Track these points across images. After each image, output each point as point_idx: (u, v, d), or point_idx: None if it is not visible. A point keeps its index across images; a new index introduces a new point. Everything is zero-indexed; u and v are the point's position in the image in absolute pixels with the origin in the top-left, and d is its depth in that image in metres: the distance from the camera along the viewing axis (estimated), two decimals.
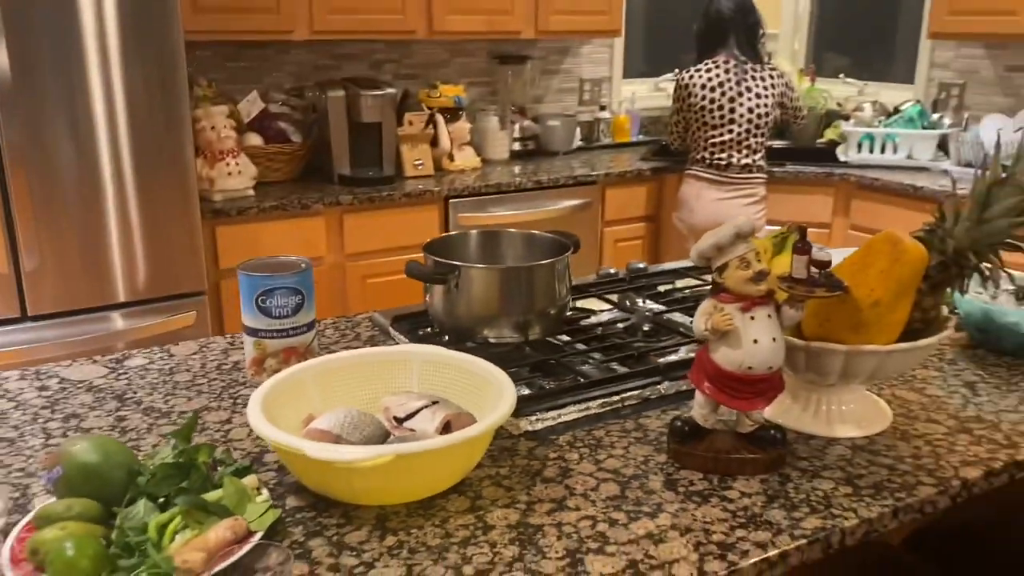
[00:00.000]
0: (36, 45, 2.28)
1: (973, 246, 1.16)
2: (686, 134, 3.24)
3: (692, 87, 3.13)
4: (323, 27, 3.11)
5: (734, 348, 1.10)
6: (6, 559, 0.91)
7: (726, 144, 3.12)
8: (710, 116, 3.11)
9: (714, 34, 3.17)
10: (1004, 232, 1.15)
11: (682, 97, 3.18)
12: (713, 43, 3.17)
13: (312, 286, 1.41)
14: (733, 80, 3.09)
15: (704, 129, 3.15)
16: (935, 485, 1.11)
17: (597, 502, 1.07)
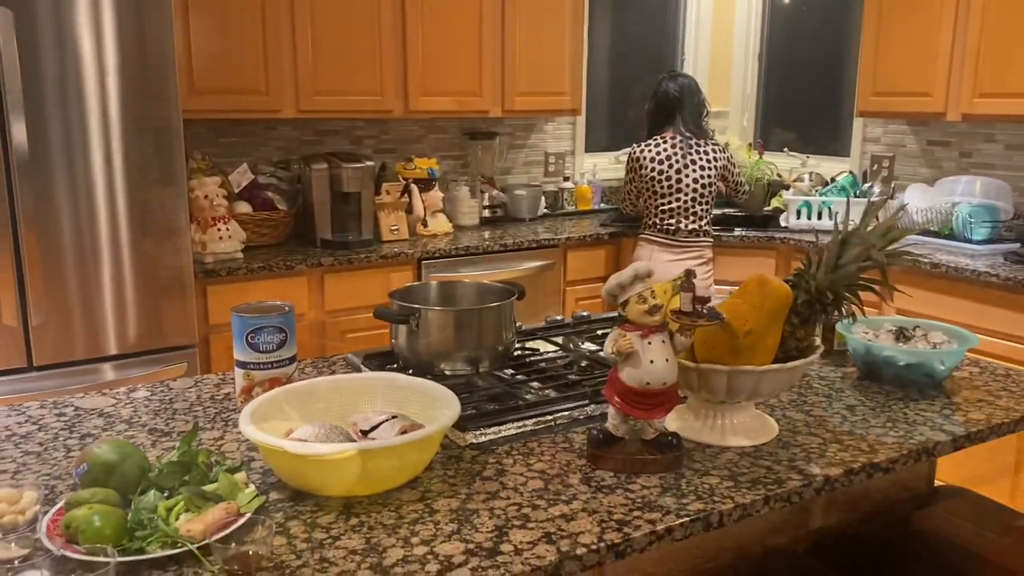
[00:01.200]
0: (49, 121, 2.56)
1: (831, 287, 1.44)
2: (638, 201, 3.54)
3: (643, 160, 3.45)
4: (308, 107, 3.43)
5: (635, 368, 1.36)
6: (44, 532, 1.14)
7: (674, 211, 3.43)
8: (659, 186, 3.42)
9: (662, 112, 3.51)
10: (854, 275, 1.43)
11: (634, 168, 3.49)
12: (662, 121, 3.51)
13: (294, 326, 1.66)
14: (679, 154, 3.41)
15: (654, 198, 3.45)
16: (802, 480, 1.36)
17: (524, 493, 1.31)
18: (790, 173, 4.52)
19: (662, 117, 3.50)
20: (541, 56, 3.93)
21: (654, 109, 3.53)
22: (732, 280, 3.77)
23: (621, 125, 4.82)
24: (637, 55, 4.85)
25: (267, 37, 3.29)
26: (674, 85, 3.50)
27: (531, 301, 3.65)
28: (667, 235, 3.46)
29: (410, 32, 3.59)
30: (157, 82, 2.73)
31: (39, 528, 1.16)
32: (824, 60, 4.58)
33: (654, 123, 3.53)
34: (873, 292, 1.47)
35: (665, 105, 3.49)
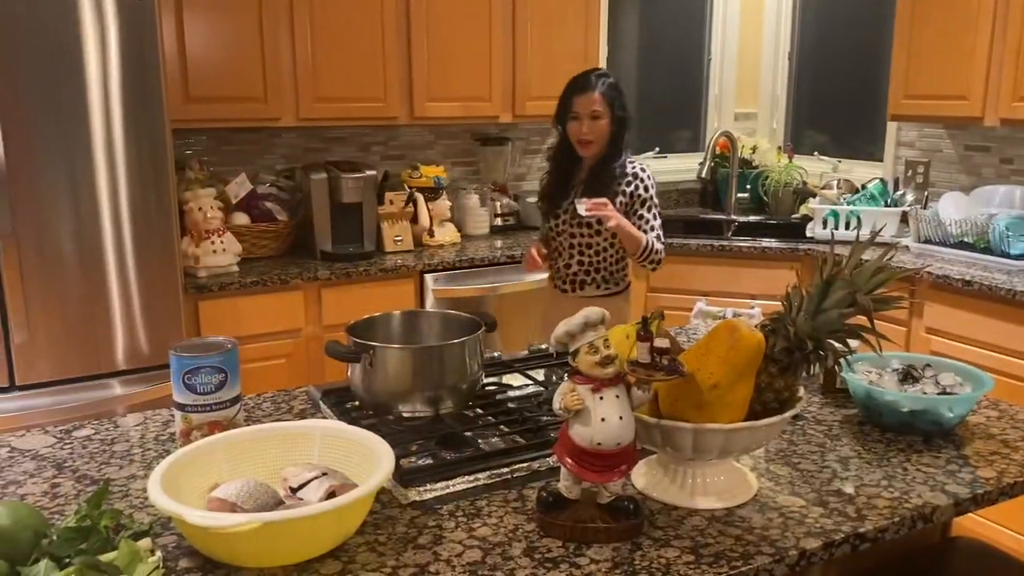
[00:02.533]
0: (29, 135, 2.50)
1: (812, 334, 1.28)
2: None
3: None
4: (308, 115, 3.33)
5: (585, 425, 1.22)
6: None
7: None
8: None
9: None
10: (836, 322, 1.26)
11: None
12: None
13: (236, 365, 1.54)
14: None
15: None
16: (772, 555, 1.21)
17: (457, 567, 1.18)
18: (820, 178, 4.31)
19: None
20: (554, 60, 3.77)
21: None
22: (754, 293, 3.58)
23: (647, 128, 4.66)
24: (662, 56, 4.67)
25: (265, 43, 3.20)
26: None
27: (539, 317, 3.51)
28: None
29: (415, 36, 3.47)
30: (144, 91, 2.65)
31: None
32: (859, 58, 4.35)
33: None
34: (861, 340, 1.30)
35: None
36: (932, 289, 3.09)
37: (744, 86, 4.77)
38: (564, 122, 2.71)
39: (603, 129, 2.66)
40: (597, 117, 2.64)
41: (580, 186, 2.72)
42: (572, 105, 2.66)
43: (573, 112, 2.65)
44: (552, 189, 2.79)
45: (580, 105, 2.64)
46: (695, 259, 3.74)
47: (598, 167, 2.70)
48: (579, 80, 2.70)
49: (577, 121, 2.65)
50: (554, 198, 2.77)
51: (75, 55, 2.53)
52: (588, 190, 2.67)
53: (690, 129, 4.82)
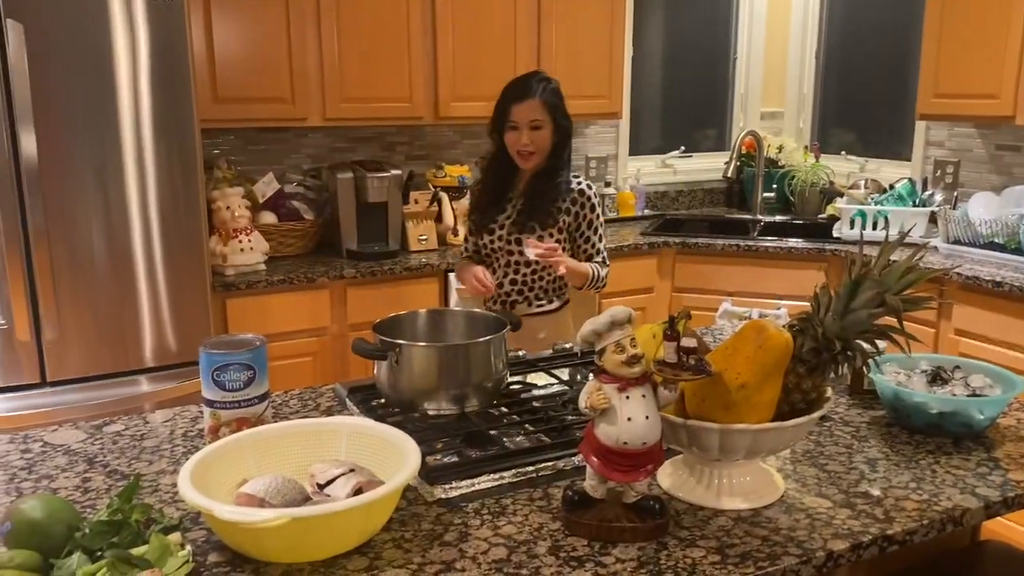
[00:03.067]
0: (60, 134, 2.53)
1: (840, 335, 1.27)
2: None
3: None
4: (335, 115, 3.35)
5: (611, 424, 1.22)
6: None
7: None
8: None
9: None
10: (865, 322, 1.25)
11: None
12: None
13: (264, 362, 1.56)
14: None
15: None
16: (799, 556, 1.20)
17: (482, 564, 1.18)
18: (848, 178, 4.27)
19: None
20: (579, 59, 3.77)
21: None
22: (780, 294, 3.56)
23: (672, 127, 4.64)
24: (688, 54, 4.65)
25: (292, 44, 3.22)
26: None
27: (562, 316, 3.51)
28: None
29: (440, 36, 3.48)
30: (173, 92, 2.68)
31: None
32: (887, 57, 4.30)
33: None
34: (890, 340, 1.29)
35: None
36: (961, 290, 3.06)
37: (770, 85, 4.73)
38: (501, 132, 2.47)
39: (545, 140, 2.44)
40: (538, 127, 2.42)
41: (519, 200, 2.50)
42: (510, 114, 2.43)
43: (511, 121, 2.43)
44: (485, 202, 2.55)
45: (519, 114, 2.42)
46: (720, 259, 3.72)
47: (539, 182, 2.48)
48: (517, 86, 2.48)
49: (516, 131, 2.43)
50: (488, 212, 2.54)
51: (105, 56, 2.56)
52: (529, 207, 2.47)
53: (715, 128, 4.79)
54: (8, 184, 2.49)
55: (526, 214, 2.48)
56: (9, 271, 2.52)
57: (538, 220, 2.48)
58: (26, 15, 2.43)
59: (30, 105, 2.47)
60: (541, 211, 2.47)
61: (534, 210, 2.47)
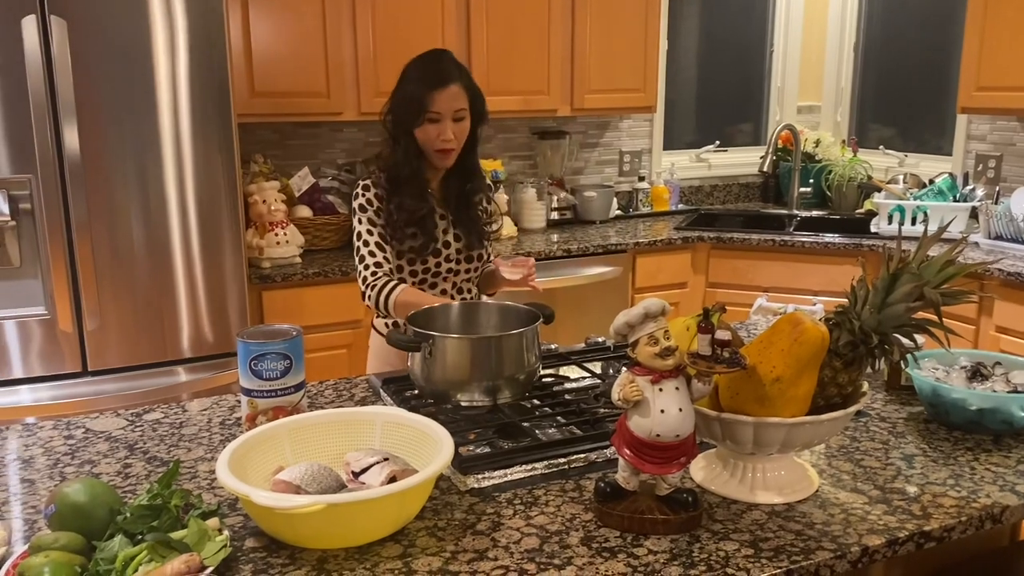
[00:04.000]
0: (102, 128, 2.58)
1: (877, 328, 1.26)
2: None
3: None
4: (370, 109, 3.36)
5: (644, 416, 1.22)
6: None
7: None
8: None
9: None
10: (902, 316, 1.24)
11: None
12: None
13: (301, 352, 1.58)
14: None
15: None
16: (834, 551, 1.19)
17: (515, 554, 1.19)
18: (886, 173, 4.21)
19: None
20: (613, 52, 3.76)
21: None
22: (815, 289, 3.52)
23: (707, 121, 4.61)
24: (723, 47, 4.61)
25: (328, 39, 3.24)
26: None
27: (596, 310, 3.51)
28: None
29: (474, 30, 3.48)
30: (211, 86, 2.71)
31: None
32: (927, 49, 4.23)
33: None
34: (928, 335, 1.27)
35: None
36: (1003, 287, 3.00)
37: (807, 78, 4.68)
38: (412, 126, 2.05)
39: (466, 132, 2.09)
40: (461, 118, 2.06)
41: (445, 209, 2.16)
42: (429, 103, 2.01)
43: (432, 113, 2.01)
44: (425, 214, 2.09)
45: (441, 103, 2.01)
46: (755, 254, 3.69)
47: (463, 181, 2.15)
48: (434, 69, 2.06)
49: (437, 124, 2.03)
50: (431, 229, 2.10)
51: (145, 52, 2.60)
52: (468, 216, 2.15)
53: (751, 122, 4.75)
54: (52, 177, 2.54)
55: (466, 225, 2.15)
56: (53, 263, 2.58)
57: (481, 231, 2.19)
58: (69, 11, 2.48)
59: (73, 100, 2.51)
60: (476, 218, 2.17)
61: (470, 219, 2.16)
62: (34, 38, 2.45)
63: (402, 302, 2.00)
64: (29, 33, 2.44)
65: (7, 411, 2.56)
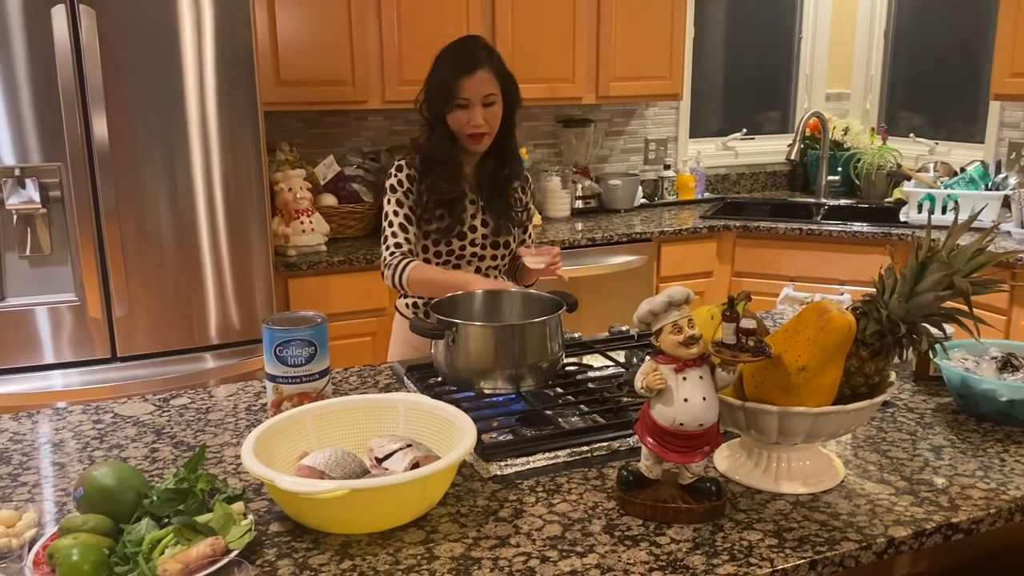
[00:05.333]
0: (131, 118, 2.60)
1: (906, 317, 1.24)
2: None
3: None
4: (394, 97, 3.37)
5: (667, 405, 1.21)
6: (30, 562, 1.11)
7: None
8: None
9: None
10: (931, 305, 1.22)
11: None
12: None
13: (325, 339, 1.58)
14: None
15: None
16: (859, 541, 1.18)
17: (537, 541, 1.19)
18: (916, 161, 4.14)
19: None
20: (639, 39, 3.73)
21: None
22: (843, 279, 3.49)
23: (733, 108, 4.56)
24: (751, 34, 4.56)
25: (353, 27, 3.25)
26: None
27: (620, 299, 3.50)
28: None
29: (499, 17, 3.47)
30: (237, 75, 2.73)
31: (28, 555, 1.13)
32: (960, 36, 4.15)
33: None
34: (958, 324, 1.25)
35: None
36: None
37: (836, 65, 4.61)
38: (443, 111, 2.07)
39: (498, 117, 2.10)
40: (492, 102, 2.06)
41: (476, 194, 2.16)
42: (457, 89, 2.04)
43: (461, 99, 2.04)
44: (455, 197, 2.12)
45: (470, 89, 2.03)
46: (782, 243, 3.65)
47: (497, 167, 2.16)
48: (462, 55, 2.08)
49: (466, 110, 2.04)
50: (455, 211, 2.12)
51: (172, 40, 2.62)
52: (499, 201, 2.16)
53: (779, 110, 4.70)
54: (81, 165, 2.57)
55: (496, 210, 2.16)
56: (82, 250, 2.61)
57: (510, 217, 2.19)
58: (97, 0, 2.50)
59: (101, 89, 2.54)
60: (508, 204, 2.18)
61: (502, 204, 2.17)
62: (63, 27, 2.48)
63: (415, 279, 2.07)
64: (59, 22, 2.47)
65: (38, 396, 2.60)
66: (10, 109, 2.49)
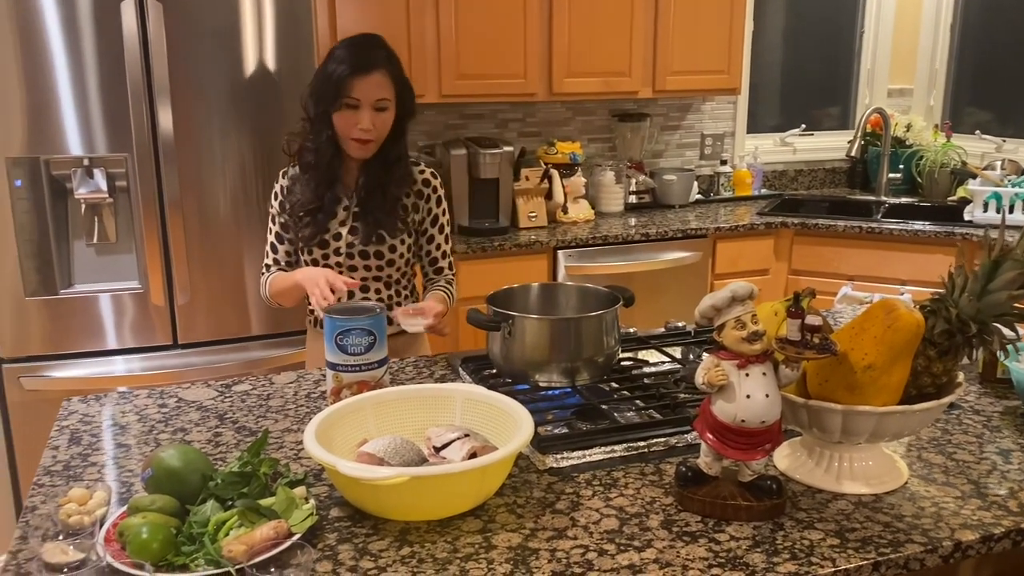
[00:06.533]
0: (195, 111, 2.66)
1: (976, 316, 1.21)
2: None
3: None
4: (450, 91, 3.38)
5: (729, 402, 1.20)
6: (101, 538, 1.15)
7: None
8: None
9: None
10: (1004, 304, 1.19)
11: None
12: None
13: (384, 329, 1.60)
14: None
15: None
16: (924, 544, 1.15)
17: (595, 534, 1.19)
18: (982, 159, 4.03)
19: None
20: (698, 33, 3.68)
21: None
22: (903, 278, 3.41)
23: (792, 104, 4.49)
24: (811, 27, 4.47)
25: (411, 22, 3.26)
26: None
27: (674, 296, 3.47)
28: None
29: (556, 12, 3.46)
30: (297, 68, 2.77)
31: (99, 532, 1.17)
32: None
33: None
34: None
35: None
36: None
37: (899, 60, 4.50)
38: (329, 108, 1.91)
39: (388, 124, 1.95)
40: (384, 108, 1.92)
41: (352, 200, 2.01)
42: (347, 89, 1.88)
43: (350, 99, 1.89)
44: (311, 206, 1.99)
45: (362, 90, 1.88)
46: (841, 241, 3.58)
47: (378, 174, 1.99)
48: (360, 53, 1.92)
49: (354, 112, 1.89)
50: (316, 219, 1.99)
51: (234, 34, 2.66)
52: (372, 209, 1.99)
53: (839, 105, 4.60)
54: (147, 156, 2.63)
55: (369, 218, 1.99)
56: (146, 239, 2.68)
57: (386, 225, 2.01)
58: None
59: (167, 81, 2.60)
60: (386, 212, 2.00)
61: (378, 212, 1.99)
62: (132, 22, 2.54)
63: (273, 293, 2.05)
64: (128, 17, 2.53)
65: (101, 380, 2.68)
66: (80, 101, 2.56)
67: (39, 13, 2.48)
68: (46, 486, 1.36)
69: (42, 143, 2.56)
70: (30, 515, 1.26)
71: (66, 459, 1.45)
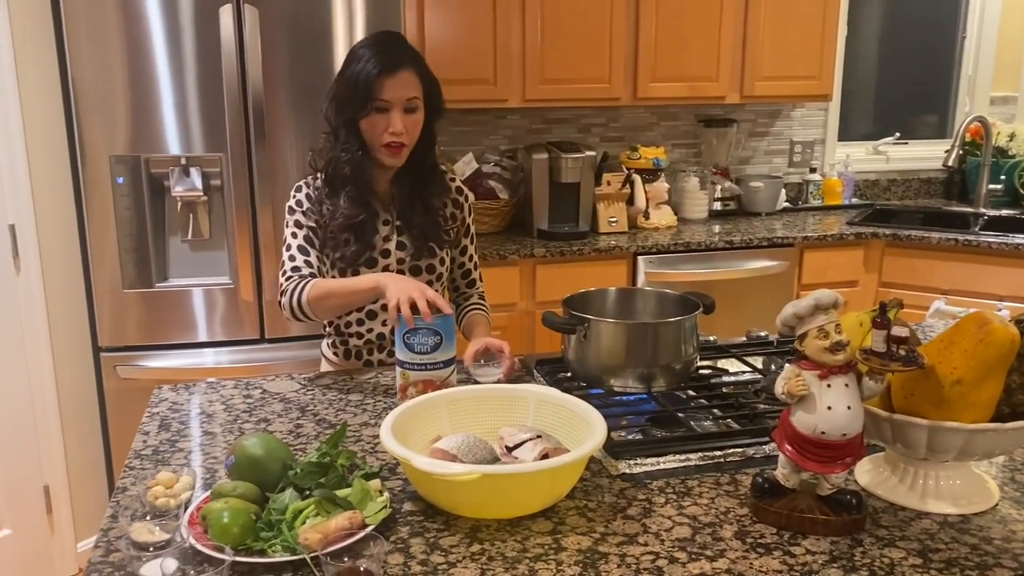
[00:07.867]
0: (282, 113, 2.74)
1: None
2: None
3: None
4: (535, 96, 3.40)
5: (809, 413, 1.17)
6: (185, 521, 1.19)
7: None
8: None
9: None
10: None
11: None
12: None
13: (452, 330, 1.62)
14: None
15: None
16: (1015, 570, 1.10)
17: (666, 541, 1.18)
18: None
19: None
20: (789, 37, 3.61)
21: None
22: (1001, 294, 3.26)
23: (886, 111, 4.35)
24: (909, 32, 4.32)
25: (498, 27, 3.29)
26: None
27: (757, 305, 3.40)
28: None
29: (643, 16, 3.44)
30: None
31: (183, 515, 1.21)
32: None
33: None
34: None
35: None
36: None
37: (1003, 66, 4.31)
38: (356, 115, 1.80)
39: (419, 125, 1.84)
40: (414, 108, 1.81)
41: (390, 214, 1.91)
42: (376, 91, 1.76)
43: (379, 101, 1.77)
44: (363, 220, 1.86)
45: (390, 90, 1.76)
46: (935, 254, 3.45)
47: (415, 183, 1.89)
48: (384, 52, 1.79)
49: (384, 115, 1.78)
50: (362, 236, 1.86)
51: (326, 39, 2.74)
52: (418, 221, 1.89)
53: (936, 113, 4.44)
54: (240, 156, 2.73)
55: (415, 231, 1.89)
56: (238, 236, 2.77)
57: (434, 238, 1.92)
58: (261, 1, 2.65)
59: (262, 84, 2.69)
60: (431, 224, 1.91)
61: (423, 225, 1.89)
62: (229, 26, 2.64)
63: (316, 296, 1.78)
64: (225, 21, 2.63)
65: (191, 372, 2.78)
66: (179, 103, 2.67)
67: (144, 20, 2.60)
68: (136, 469, 1.42)
69: (143, 142, 2.68)
70: (121, 496, 1.32)
71: (155, 444, 1.51)
